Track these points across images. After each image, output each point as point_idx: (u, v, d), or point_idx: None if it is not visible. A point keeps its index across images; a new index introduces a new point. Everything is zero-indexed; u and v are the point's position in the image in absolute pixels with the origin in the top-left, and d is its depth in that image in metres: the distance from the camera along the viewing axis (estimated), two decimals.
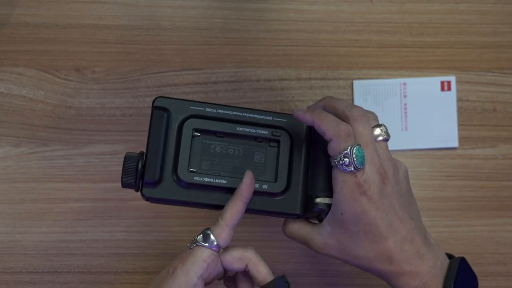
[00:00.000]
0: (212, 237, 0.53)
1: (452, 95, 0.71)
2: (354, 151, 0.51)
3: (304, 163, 0.57)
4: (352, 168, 0.51)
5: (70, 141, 0.70)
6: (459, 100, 0.71)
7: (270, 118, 0.57)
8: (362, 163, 0.52)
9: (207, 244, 0.53)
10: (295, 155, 0.57)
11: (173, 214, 0.69)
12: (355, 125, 0.53)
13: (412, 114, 0.71)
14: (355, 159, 0.51)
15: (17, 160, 0.70)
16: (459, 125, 0.71)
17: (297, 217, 0.57)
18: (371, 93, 0.71)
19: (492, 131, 0.71)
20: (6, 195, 0.69)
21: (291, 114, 0.56)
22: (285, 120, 0.57)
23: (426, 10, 0.72)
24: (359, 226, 0.53)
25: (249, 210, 0.56)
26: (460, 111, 0.71)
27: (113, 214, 0.69)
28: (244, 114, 0.57)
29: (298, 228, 0.57)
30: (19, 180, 0.70)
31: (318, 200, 0.55)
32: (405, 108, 0.71)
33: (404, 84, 0.71)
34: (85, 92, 0.70)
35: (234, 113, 0.57)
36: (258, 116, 0.57)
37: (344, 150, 0.51)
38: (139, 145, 0.70)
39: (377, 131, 0.54)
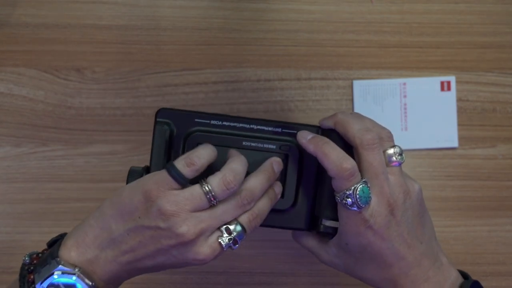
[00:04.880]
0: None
1: (452, 95, 0.71)
2: (357, 192, 0.50)
3: (313, 178, 0.55)
4: (356, 208, 0.50)
5: (70, 141, 0.70)
6: (459, 100, 0.71)
7: (279, 130, 0.55)
8: (367, 202, 0.50)
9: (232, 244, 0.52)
10: (304, 170, 0.55)
11: None
12: (365, 154, 0.51)
13: (412, 114, 0.71)
14: (358, 200, 0.50)
15: (17, 160, 0.70)
16: (459, 125, 0.71)
17: (304, 230, 0.56)
18: (371, 93, 0.71)
19: (492, 131, 0.71)
20: (6, 195, 0.70)
21: (303, 125, 0.54)
22: (295, 131, 0.55)
23: (426, 10, 0.72)
24: (365, 254, 0.52)
25: None
26: (460, 111, 0.71)
27: None
28: (251, 126, 0.55)
29: (306, 240, 0.57)
30: (19, 180, 0.70)
31: (324, 222, 0.54)
32: (405, 108, 0.71)
33: (404, 84, 0.71)
34: (85, 92, 0.70)
35: (240, 125, 0.55)
36: (266, 128, 0.55)
37: (347, 190, 0.50)
38: (139, 145, 0.70)
39: (390, 152, 0.52)
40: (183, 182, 0.49)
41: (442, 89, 0.71)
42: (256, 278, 0.70)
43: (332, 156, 0.50)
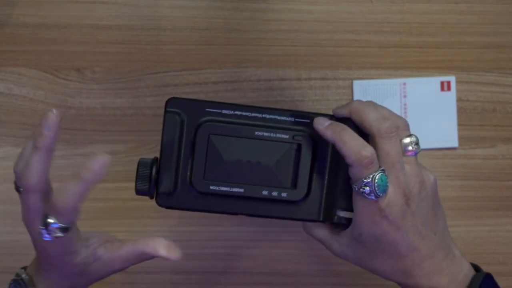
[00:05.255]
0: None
1: (452, 95, 0.71)
2: (376, 180, 0.49)
3: (327, 169, 0.54)
4: (373, 196, 0.49)
5: (70, 141, 0.70)
6: (459, 100, 0.71)
7: (292, 119, 0.54)
8: (384, 190, 0.49)
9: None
10: (318, 160, 0.54)
11: (173, 214, 0.69)
12: (382, 143, 0.50)
13: (412, 114, 0.71)
14: (376, 188, 0.49)
15: None
16: (459, 125, 0.71)
17: (317, 222, 0.55)
18: (371, 93, 0.71)
19: (492, 131, 0.71)
20: (6, 195, 0.69)
21: (316, 114, 0.54)
22: (309, 121, 0.54)
23: (426, 10, 0.72)
24: (378, 245, 0.52)
25: (267, 216, 0.54)
26: (460, 111, 0.71)
27: (113, 214, 0.69)
28: (263, 115, 0.54)
29: (318, 231, 0.56)
30: None
31: (338, 213, 0.54)
32: (405, 108, 0.71)
33: (404, 84, 0.71)
34: (85, 92, 0.70)
35: (253, 114, 0.54)
36: (279, 118, 0.54)
37: (365, 178, 0.49)
38: (139, 145, 0.70)
39: (407, 141, 0.52)
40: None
41: (442, 89, 0.71)
42: (256, 278, 0.70)
43: (351, 143, 0.50)
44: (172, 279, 0.70)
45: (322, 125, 0.52)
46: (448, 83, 0.71)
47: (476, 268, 0.55)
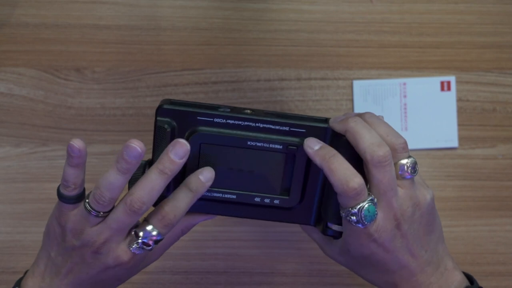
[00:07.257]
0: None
1: (452, 95, 0.71)
2: (363, 211, 0.48)
3: (321, 178, 0.53)
4: (361, 225, 0.49)
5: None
6: (459, 100, 0.71)
7: (286, 128, 0.52)
8: (372, 219, 0.49)
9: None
10: (312, 169, 0.53)
11: None
12: (375, 172, 0.49)
13: (412, 114, 0.71)
14: (363, 218, 0.48)
15: (17, 160, 0.70)
16: (459, 125, 0.71)
17: (311, 226, 0.55)
18: (371, 93, 0.71)
19: (492, 131, 0.71)
20: (6, 195, 0.70)
21: (312, 120, 0.52)
22: (304, 130, 0.52)
23: (426, 10, 0.72)
24: (367, 261, 0.52)
25: (259, 219, 0.55)
26: (460, 111, 0.71)
27: None
28: (257, 124, 0.52)
29: (313, 234, 0.57)
30: (19, 180, 0.70)
31: (329, 226, 0.53)
32: (405, 108, 0.71)
33: (404, 84, 0.71)
34: (85, 92, 0.70)
35: (245, 123, 0.52)
36: (273, 127, 0.52)
37: (352, 208, 0.48)
38: None
39: (403, 162, 0.50)
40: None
41: (442, 89, 0.71)
42: (256, 278, 0.70)
43: (339, 173, 0.48)
44: (172, 279, 0.70)
45: (311, 148, 0.51)
46: (448, 83, 0.71)
47: (471, 279, 0.54)
